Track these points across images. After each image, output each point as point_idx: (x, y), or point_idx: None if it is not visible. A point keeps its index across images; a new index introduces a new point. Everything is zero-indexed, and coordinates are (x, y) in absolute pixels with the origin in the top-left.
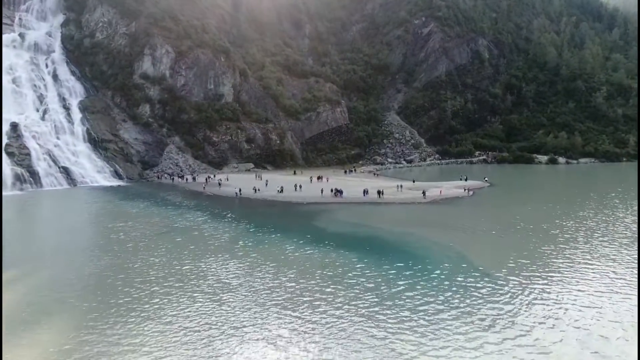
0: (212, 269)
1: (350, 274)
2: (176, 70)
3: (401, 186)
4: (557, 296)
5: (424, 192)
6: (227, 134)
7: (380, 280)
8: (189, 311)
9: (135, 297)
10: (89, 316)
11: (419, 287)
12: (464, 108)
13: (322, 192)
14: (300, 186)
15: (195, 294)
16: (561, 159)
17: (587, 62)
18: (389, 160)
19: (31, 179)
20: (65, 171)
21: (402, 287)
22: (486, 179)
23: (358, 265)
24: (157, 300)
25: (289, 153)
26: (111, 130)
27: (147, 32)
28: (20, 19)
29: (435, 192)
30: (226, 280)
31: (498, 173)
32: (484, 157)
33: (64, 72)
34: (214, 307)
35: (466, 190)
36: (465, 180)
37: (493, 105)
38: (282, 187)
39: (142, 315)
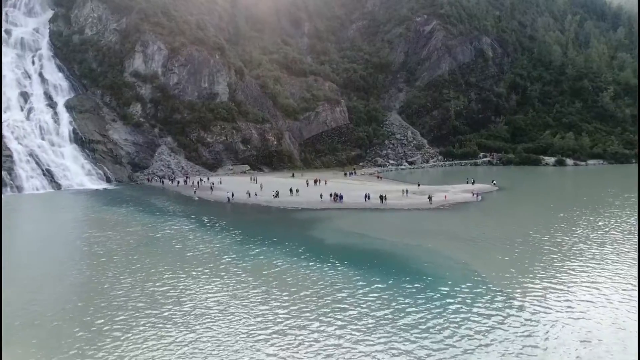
0: (190, 291)
1: (350, 299)
2: (169, 68)
3: (407, 191)
4: (597, 332)
5: (430, 197)
6: (222, 134)
7: (387, 310)
8: (155, 348)
9: (92, 329)
10: None
11: (433, 316)
12: (467, 108)
13: (321, 197)
14: (297, 190)
15: (166, 326)
16: (569, 161)
17: (593, 61)
18: (391, 161)
19: (12, 182)
20: (49, 174)
21: (412, 317)
22: (494, 182)
23: (360, 287)
24: (118, 334)
25: (287, 154)
26: (100, 131)
27: (139, 28)
28: (6, 14)
29: (441, 196)
30: (204, 307)
31: (505, 176)
32: (489, 158)
33: (51, 69)
34: (185, 344)
35: (475, 195)
36: (473, 183)
37: (497, 105)
38: (277, 192)
39: (94, 355)
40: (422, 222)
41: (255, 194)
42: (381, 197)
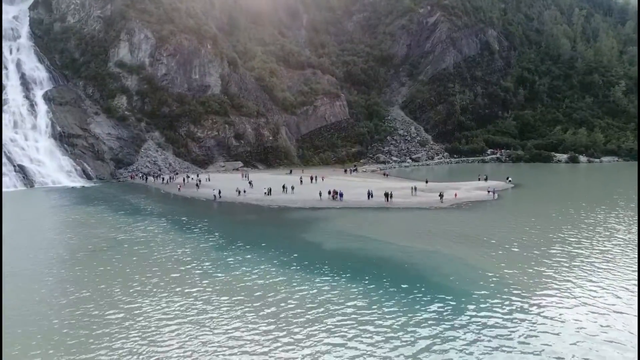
0: (146, 314)
1: (352, 328)
2: (156, 58)
3: (415, 188)
4: None
5: (441, 195)
6: (213, 129)
7: (399, 334)
8: None
9: None
10: None
11: (459, 343)
12: (473, 102)
13: (320, 195)
14: (293, 187)
15: None
16: (582, 158)
17: (603, 55)
18: (394, 158)
19: None
20: (22, 170)
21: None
22: (509, 179)
23: (365, 310)
24: None
25: (283, 150)
26: (80, 124)
27: (124, 16)
28: None
29: (452, 194)
30: (160, 341)
31: (517, 173)
32: (497, 155)
33: (29, 59)
34: None
35: (491, 193)
36: (486, 180)
37: (505, 99)
38: (269, 189)
39: None
40: (435, 224)
41: (244, 191)
42: (386, 195)
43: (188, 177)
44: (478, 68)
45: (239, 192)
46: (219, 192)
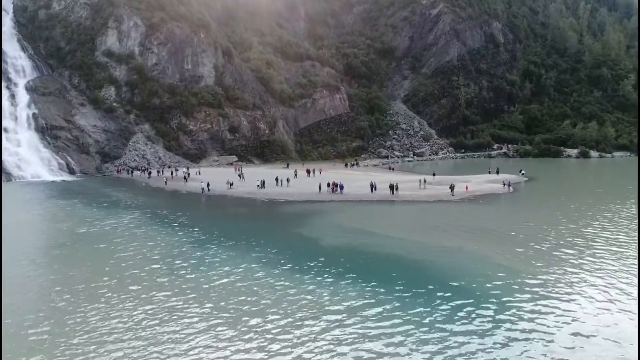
0: (90, 325)
1: (356, 344)
2: (146, 47)
3: (424, 180)
4: None
5: (452, 187)
6: (206, 121)
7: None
8: None
9: None
10: None
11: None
12: (478, 96)
13: (319, 188)
14: (288, 180)
15: None
16: (593, 153)
17: (611, 49)
18: (396, 153)
19: None
20: None
21: None
22: (522, 172)
23: (374, 318)
24: None
25: (280, 145)
26: (64, 116)
27: (112, 2)
28: None
29: (462, 187)
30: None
31: (528, 167)
32: (504, 150)
33: (12, 48)
34: None
35: (505, 186)
36: (497, 173)
37: (511, 93)
38: (262, 181)
39: None
40: (448, 217)
41: (232, 184)
42: (392, 187)
43: (176, 170)
44: (483, 61)
45: (230, 184)
46: (208, 185)
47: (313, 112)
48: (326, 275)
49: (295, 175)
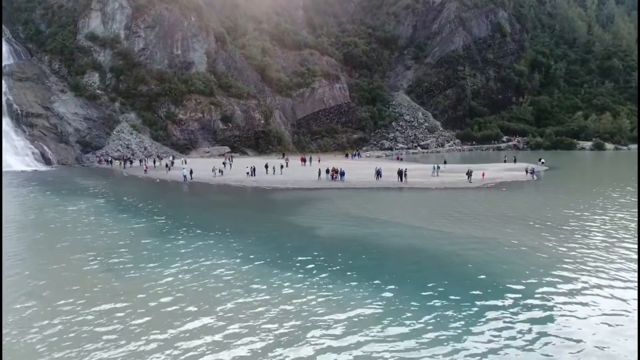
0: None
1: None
2: (133, 31)
3: (438, 167)
4: None
5: (469, 174)
6: (197, 110)
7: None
8: None
9: None
10: None
11: None
12: (485, 87)
13: (319, 175)
14: (282, 167)
15: None
16: (608, 145)
17: (622, 39)
18: (400, 145)
19: None
20: None
21: None
22: (542, 161)
23: (388, 325)
24: None
25: (276, 136)
26: (42, 103)
27: None
28: None
29: (479, 175)
30: None
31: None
32: (514, 142)
33: None
34: None
35: (529, 173)
36: (514, 162)
37: (519, 84)
38: (253, 168)
39: None
40: (470, 205)
41: (220, 171)
42: (400, 174)
43: (160, 158)
44: (489, 50)
45: (219, 172)
46: (190, 172)
47: (311, 102)
48: (322, 273)
49: (287, 164)
